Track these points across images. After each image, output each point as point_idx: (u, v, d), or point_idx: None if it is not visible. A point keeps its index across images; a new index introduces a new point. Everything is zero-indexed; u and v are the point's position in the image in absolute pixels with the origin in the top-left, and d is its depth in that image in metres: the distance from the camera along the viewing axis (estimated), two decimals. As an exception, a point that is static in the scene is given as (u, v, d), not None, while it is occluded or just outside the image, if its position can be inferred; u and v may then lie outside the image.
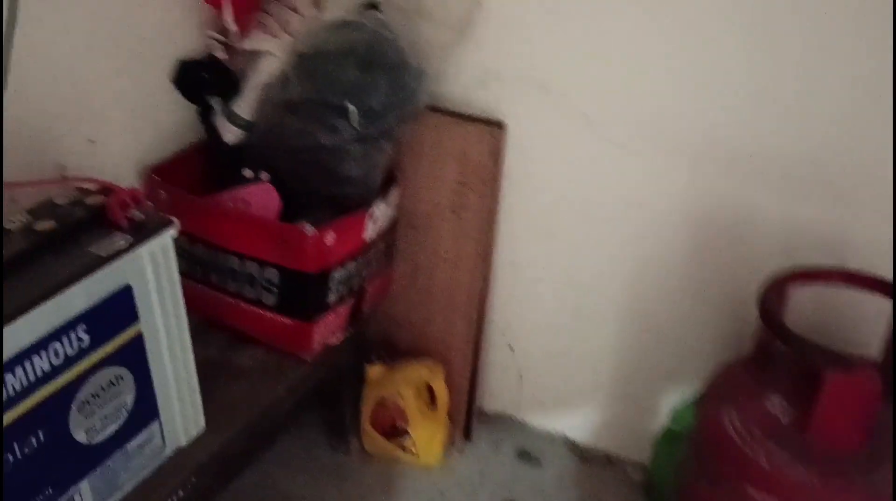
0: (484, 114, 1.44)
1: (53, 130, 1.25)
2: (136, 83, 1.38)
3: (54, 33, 1.21)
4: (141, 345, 1.10)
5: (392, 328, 1.72)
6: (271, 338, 1.46)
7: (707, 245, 1.37)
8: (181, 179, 1.43)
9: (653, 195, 1.38)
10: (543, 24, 1.34)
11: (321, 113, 1.30)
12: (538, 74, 1.38)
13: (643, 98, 1.31)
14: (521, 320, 1.64)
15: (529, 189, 1.49)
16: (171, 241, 1.09)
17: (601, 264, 1.49)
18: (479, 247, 1.52)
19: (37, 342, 0.94)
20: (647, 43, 1.28)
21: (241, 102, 1.43)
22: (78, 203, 1.06)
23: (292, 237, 1.31)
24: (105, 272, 1.00)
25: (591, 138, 1.38)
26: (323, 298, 1.39)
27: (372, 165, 1.37)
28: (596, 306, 1.53)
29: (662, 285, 1.44)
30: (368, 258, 1.47)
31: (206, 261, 1.42)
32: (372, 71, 1.27)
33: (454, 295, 1.59)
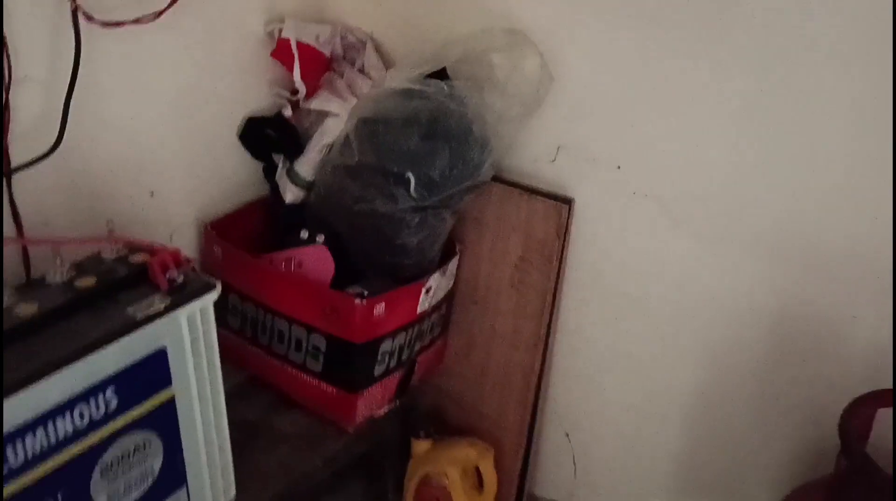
0: (551, 189, 1.37)
1: (114, 181, 1.25)
2: (201, 137, 1.39)
3: (120, 87, 1.21)
4: (172, 410, 1.07)
5: (443, 403, 1.64)
6: (314, 405, 1.41)
7: (788, 350, 1.24)
8: (238, 235, 1.42)
9: (727, 289, 1.27)
10: (619, 101, 1.27)
11: (380, 180, 1.26)
12: (610, 151, 1.31)
13: (722, 184, 1.22)
14: (580, 407, 1.54)
15: (594, 271, 1.41)
16: (211, 305, 1.06)
17: (668, 357, 1.38)
18: (539, 327, 1.44)
19: (62, 404, 0.91)
20: (729, 126, 1.19)
21: (303, 161, 1.41)
22: (122, 260, 1.05)
23: (341, 305, 1.26)
24: (139, 335, 0.97)
25: (663, 223, 1.29)
26: (369, 369, 1.34)
27: (430, 236, 1.32)
28: (661, 403, 1.42)
29: (735, 389, 1.32)
30: (421, 330, 1.41)
31: (255, 320, 1.39)
32: (434, 141, 1.23)
33: (510, 375, 1.51)
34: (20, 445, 0.87)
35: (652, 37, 1.21)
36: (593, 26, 1.25)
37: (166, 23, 1.18)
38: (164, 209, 1.36)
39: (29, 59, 1.06)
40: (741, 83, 1.16)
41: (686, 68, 1.19)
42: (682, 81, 1.20)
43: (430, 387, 1.63)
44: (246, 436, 1.39)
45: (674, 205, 1.28)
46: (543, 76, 1.25)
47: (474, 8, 1.35)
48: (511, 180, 1.40)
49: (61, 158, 1.12)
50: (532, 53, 1.26)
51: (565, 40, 1.28)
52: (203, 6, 1.26)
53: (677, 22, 1.17)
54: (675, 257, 1.31)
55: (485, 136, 1.25)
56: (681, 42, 1.18)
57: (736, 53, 1.15)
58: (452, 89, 1.23)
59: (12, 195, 1.11)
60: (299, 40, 1.38)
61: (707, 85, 1.19)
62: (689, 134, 1.22)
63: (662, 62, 1.21)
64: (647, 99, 1.24)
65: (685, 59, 1.19)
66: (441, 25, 1.39)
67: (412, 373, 1.46)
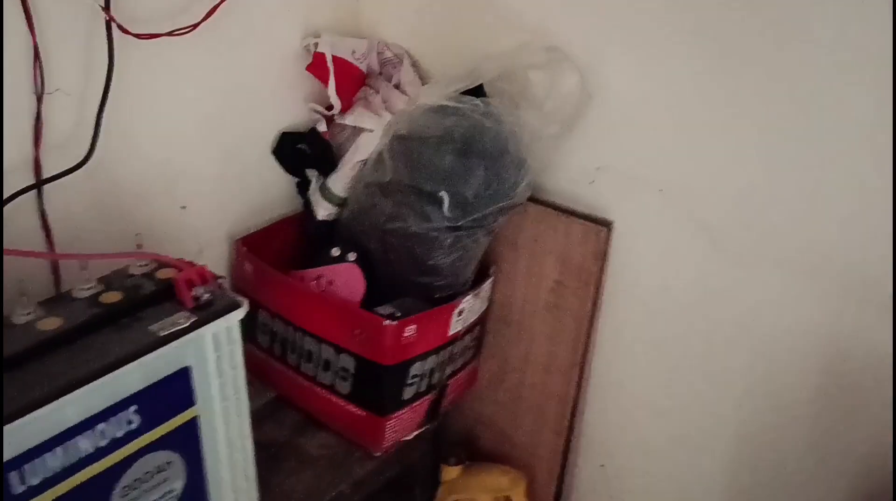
0: (590, 211, 1.33)
1: (145, 194, 1.24)
2: (234, 152, 1.37)
3: (153, 99, 1.20)
4: (195, 430, 1.04)
5: (474, 427, 1.60)
6: (342, 427, 1.38)
7: (842, 386, 1.18)
8: (269, 251, 1.40)
9: (775, 320, 1.21)
10: (661, 122, 1.22)
11: (413, 198, 1.23)
12: (651, 173, 1.26)
13: (772, 210, 1.16)
14: (617, 437, 1.48)
15: (633, 296, 1.36)
16: (237, 323, 1.03)
17: (711, 388, 1.32)
18: (575, 353, 1.39)
19: (82, 422, 0.89)
20: (778, 148, 1.13)
21: (336, 177, 1.38)
22: (149, 276, 1.03)
23: (370, 326, 1.23)
24: (162, 353, 0.94)
25: (707, 248, 1.24)
26: (398, 392, 1.30)
27: (463, 257, 1.28)
28: (704, 435, 1.35)
29: (784, 424, 1.25)
30: (453, 354, 1.37)
31: (284, 338, 1.37)
32: (469, 159, 1.19)
33: (544, 401, 1.46)
34: (39, 464, 0.85)
35: (696, 55, 1.16)
36: (635, 43, 1.21)
37: (201, 35, 1.17)
38: (195, 224, 1.34)
39: (61, 71, 1.06)
40: (790, 105, 1.11)
41: (732, 88, 1.14)
42: (728, 102, 1.15)
43: (461, 411, 1.59)
44: (272, 457, 1.36)
45: (719, 231, 1.22)
46: (582, 94, 1.21)
47: (512, 24, 1.32)
48: (548, 201, 1.36)
49: (92, 170, 1.11)
50: (570, 70, 1.22)
51: (605, 58, 1.24)
52: (239, 19, 1.25)
53: (722, 40, 1.13)
54: (720, 285, 1.25)
55: (521, 155, 1.21)
56: (726, 61, 1.13)
57: (786, 74, 1.10)
58: (489, 107, 1.19)
59: (43, 207, 1.10)
60: (335, 55, 1.36)
61: (754, 106, 1.13)
62: (736, 157, 1.17)
63: (707, 81, 1.16)
64: (691, 120, 1.19)
65: (731, 78, 1.14)
66: (479, 41, 1.36)
67: (443, 397, 1.42)
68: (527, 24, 1.30)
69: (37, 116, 1.04)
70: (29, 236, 1.10)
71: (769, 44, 1.09)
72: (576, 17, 1.25)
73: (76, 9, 1.04)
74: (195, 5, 1.17)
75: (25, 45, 1.00)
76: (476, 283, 1.37)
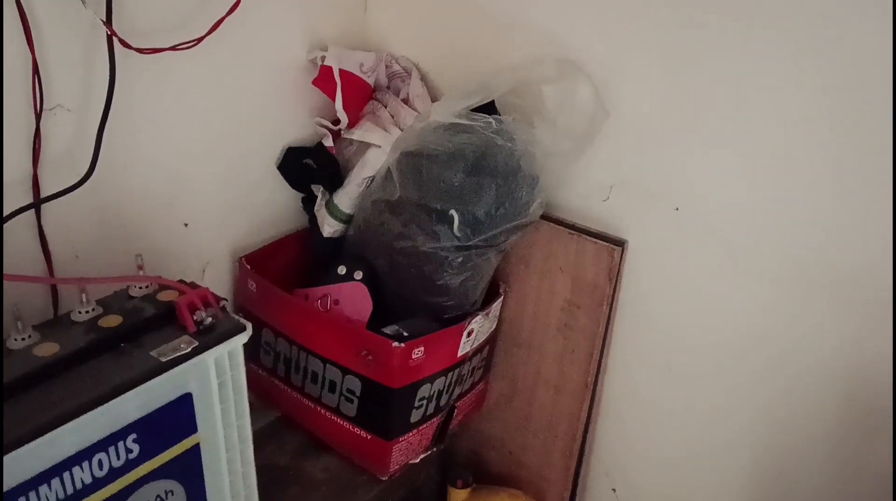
0: (603, 229, 1.29)
1: (146, 211, 1.21)
2: (238, 167, 1.34)
3: (155, 114, 1.17)
4: (197, 457, 1.01)
5: (482, 449, 1.56)
6: (347, 450, 1.35)
7: (865, 411, 1.14)
8: (274, 269, 1.36)
9: (794, 342, 1.17)
10: (678, 138, 1.18)
11: (422, 217, 1.19)
12: (668, 190, 1.22)
13: (794, 230, 1.12)
14: (629, 461, 1.44)
15: (647, 316, 1.32)
16: (240, 347, 1.00)
17: (726, 411, 1.28)
18: (587, 373, 1.35)
19: (80, 452, 0.86)
20: (802, 167, 1.09)
21: (343, 194, 1.35)
22: (149, 299, 1.00)
23: (378, 348, 1.19)
24: (163, 379, 0.91)
25: (724, 266, 1.20)
26: (405, 415, 1.26)
27: (473, 277, 1.24)
28: (716, 460, 1.32)
29: (798, 447, 1.21)
30: (461, 375, 1.34)
31: (288, 358, 1.33)
32: (480, 177, 1.15)
33: (555, 423, 1.42)
34: (34, 496, 0.82)
35: (716, 71, 1.12)
36: (652, 57, 1.17)
37: (205, 49, 1.14)
38: (197, 241, 1.31)
39: (61, 87, 1.03)
40: (810, 122, 1.07)
41: (753, 105, 1.10)
42: (749, 119, 1.11)
43: (469, 432, 1.55)
44: (274, 481, 1.33)
45: (737, 250, 1.18)
46: (597, 110, 1.17)
47: (524, 36, 1.28)
48: (560, 219, 1.32)
49: (93, 187, 1.08)
50: (585, 85, 1.19)
51: (621, 71, 1.20)
52: (244, 32, 1.22)
53: (744, 56, 1.09)
54: (737, 306, 1.21)
55: (534, 173, 1.18)
56: (747, 77, 1.10)
57: (805, 90, 1.06)
58: (501, 124, 1.15)
59: (41, 226, 1.07)
60: (342, 68, 1.32)
61: (773, 123, 1.09)
62: (757, 175, 1.13)
63: (727, 98, 1.12)
64: (709, 137, 1.16)
65: (753, 95, 1.10)
66: (490, 54, 1.33)
67: (451, 419, 1.38)
68: (539, 36, 1.26)
69: (36, 132, 1.01)
70: (26, 256, 1.07)
71: (788, 61, 1.06)
72: (590, 30, 1.21)
73: (77, 23, 1.01)
74: (199, 19, 1.14)
75: (24, 61, 0.97)
76: (486, 302, 1.33)
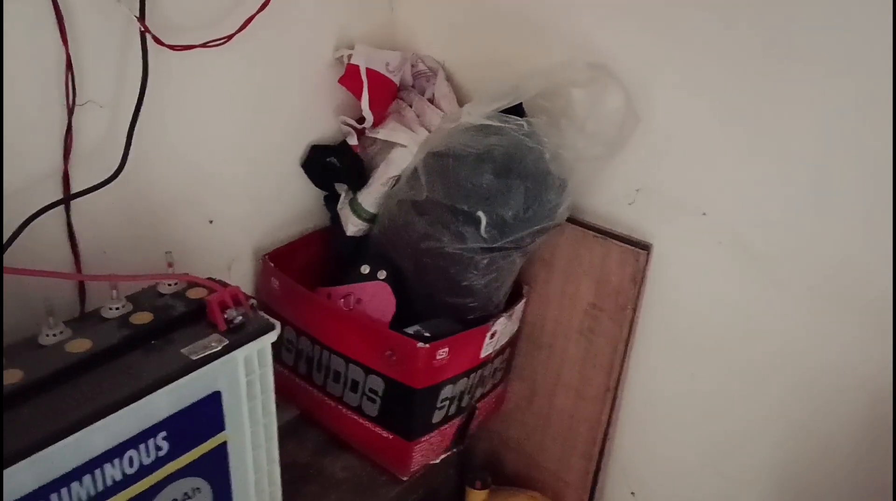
0: (628, 232, 1.29)
1: (173, 207, 1.21)
2: (264, 164, 1.34)
3: (184, 111, 1.17)
4: (224, 455, 1.01)
5: (501, 450, 1.56)
6: (368, 450, 1.35)
7: (884, 423, 1.12)
8: (297, 266, 1.36)
9: (820, 352, 1.16)
10: (707, 143, 1.18)
11: (449, 218, 1.19)
12: (695, 195, 1.21)
13: (820, 238, 1.11)
14: (649, 465, 1.44)
15: (671, 322, 1.32)
16: (269, 346, 1.00)
17: (749, 418, 1.27)
18: (609, 377, 1.35)
19: (111, 450, 0.85)
20: (833, 174, 1.08)
21: (367, 193, 1.35)
22: (179, 296, 1.00)
23: (402, 348, 1.19)
24: (194, 377, 0.91)
25: (750, 274, 1.19)
26: (428, 416, 1.26)
27: (497, 278, 1.24)
28: (737, 468, 1.31)
29: (820, 459, 1.21)
30: (483, 376, 1.33)
31: (310, 357, 1.33)
32: (508, 180, 1.15)
33: (574, 426, 1.42)
34: (66, 494, 0.82)
35: (747, 75, 1.11)
36: (683, 61, 1.16)
37: (235, 47, 1.14)
38: (222, 238, 1.31)
39: (94, 83, 1.03)
40: (853, 132, 1.05)
41: (784, 111, 1.10)
42: (780, 124, 1.10)
43: (488, 433, 1.55)
44: (295, 479, 1.33)
45: (764, 258, 1.17)
46: (628, 115, 1.17)
47: (554, 38, 1.27)
48: (585, 222, 1.32)
49: (122, 184, 1.08)
50: (616, 89, 1.18)
51: (651, 75, 1.19)
52: (273, 30, 1.22)
53: (780, 65, 1.08)
54: (762, 314, 1.20)
55: (563, 176, 1.17)
56: (779, 82, 1.09)
57: (836, 100, 1.05)
58: (532, 127, 1.15)
59: (71, 222, 1.07)
60: (369, 67, 1.32)
61: (813, 132, 1.08)
62: (787, 181, 1.12)
63: (758, 103, 1.11)
64: (738, 141, 1.15)
65: (783, 102, 1.09)
66: (517, 55, 1.32)
67: (472, 420, 1.38)
68: (569, 38, 1.26)
69: (67, 128, 1.01)
70: (55, 251, 1.07)
71: (820, 72, 1.05)
72: (621, 34, 1.20)
73: (110, 19, 1.01)
74: (230, 16, 1.14)
75: (58, 56, 0.97)
76: (509, 304, 1.33)
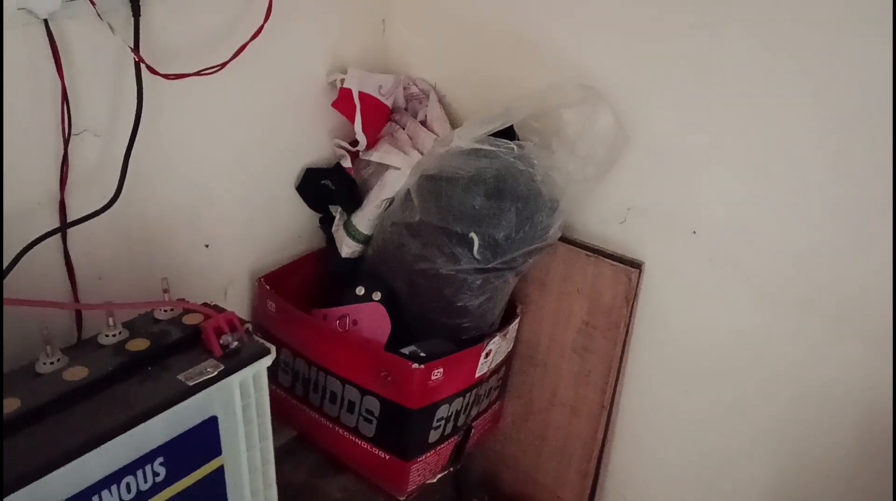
0: (620, 251, 1.30)
1: (169, 232, 1.22)
2: (258, 188, 1.35)
3: (179, 137, 1.19)
4: (221, 479, 1.01)
5: (497, 468, 1.57)
6: (365, 470, 1.35)
7: (878, 442, 1.13)
8: (292, 288, 1.37)
9: (813, 370, 1.17)
10: (697, 162, 1.19)
11: (442, 239, 1.20)
12: (685, 213, 1.23)
13: (815, 255, 1.12)
14: (645, 483, 1.45)
15: (664, 339, 1.33)
16: (265, 370, 1.00)
17: (742, 435, 1.28)
18: (603, 395, 1.36)
19: (108, 476, 0.86)
20: (821, 191, 1.10)
21: (361, 215, 1.36)
22: (175, 322, 1.01)
23: (397, 369, 1.20)
24: (190, 404, 0.92)
25: (741, 292, 1.21)
26: (424, 436, 1.27)
27: (491, 299, 1.25)
28: (732, 486, 1.31)
29: (818, 476, 1.21)
30: (479, 395, 1.34)
31: (307, 379, 1.34)
32: (500, 201, 1.16)
33: (569, 444, 1.43)
34: (63, 521, 0.83)
35: (735, 95, 1.13)
36: (671, 82, 1.18)
37: (229, 73, 1.15)
38: (218, 261, 1.32)
39: (89, 112, 1.04)
40: (841, 145, 1.07)
41: (774, 131, 1.11)
42: (769, 144, 1.12)
43: (484, 451, 1.56)
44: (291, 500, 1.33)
45: (756, 275, 1.19)
46: (618, 136, 1.18)
47: (543, 60, 1.30)
48: (577, 241, 1.33)
49: (118, 210, 1.09)
50: (605, 111, 1.20)
51: (641, 96, 1.21)
52: (266, 56, 1.23)
53: (766, 86, 1.10)
54: (754, 331, 1.22)
55: (554, 197, 1.19)
56: (768, 106, 1.10)
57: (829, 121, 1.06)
58: (522, 149, 1.17)
59: (67, 249, 1.08)
60: (361, 91, 1.34)
61: (798, 151, 1.10)
62: (775, 199, 1.14)
63: (746, 122, 1.13)
64: (727, 160, 1.16)
65: (772, 121, 1.11)
66: (508, 77, 1.34)
67: (468, 439, 1.39)
68: (558, 60, 1.28)
69: (64, 157, 1.02)
70: (51, 278, 1.08)
71: (810, 90, 1.06)
72: (610, 56, 1.22)
73: (105, 50, 1.03)
74: (223, 44, 1.15)
75: (53, 87, 0.99)
76: (503, 323, 1.34)
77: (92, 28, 0.99)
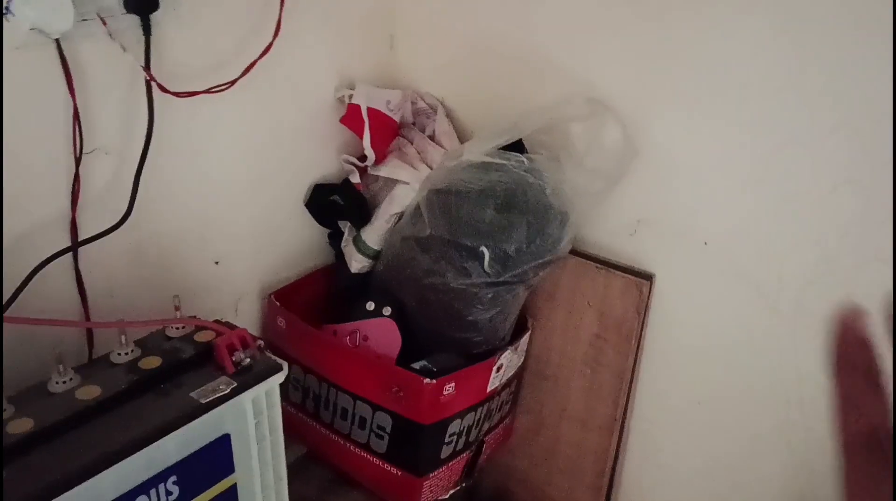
0: (631, 263, 1.30)
1: (179, 249, 1.22)
2: (268, 205, 1.35)
3: (189, 155, 1.19)
4: (234, 497, 1.01)
5: (508, 483, 1.56)
6: (376, 486, 1.34)
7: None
8: (302, 304, 1.37)
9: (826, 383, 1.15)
10: (707, 174, 1.19)
11: (452, 254, 1.20)
12: (696, 225, 1.23)
13: (822, 266, 1.12)
14: (658, 495, 1.44)
15: (676, 350, 1.32)
16: (277, 387, 1.00)
17: (756, 447, 1.27)
18: (615, 409, 1.35)
19: (122, 496, 0.85)
20: (835, 204, 1.09)
21: (370, 230, 1.36)
22: (187, 339, 1.01)
23: (409, 385, 1.19)
24: (202, 421, 0.91)
25: (753, 304, 1.20)
26: (436, 451, 1.26)
27: (502, 312, 1.25)
28: (748, 495, 1.30)
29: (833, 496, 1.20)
30: (490, 409, 1.34)
31: (318, 395, 1.33)
32: (511, 214, 1.16)
33: (581, 457, 1.42)
34: (76, 542, 0.82)
35: (744, 106, 1.13)
36: (679, 94, 1.18)
37: (238, 91, 1.16)
38: (228, 278, 1.32)
39: (101, 131, 1.04)
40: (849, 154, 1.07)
41: (783, 142, 1.11)
42: (779, 155, 1.12)
43: (494, 466, 1.55)
44: (304, 518, 1.33)
45: (766, 286, 1.18)
46: (626, 149, 1.18)
47: (551, 74, 1.30)
48: (588, 253, 1.33)
49: (129, 228, 1.09)
50: (613, 124, 1.20)
51: (649, 109, 1.21)
52: (275, 73, 1.24)
53: (775, 97, 1.10)
54: (766, 343, 1.21)
55: (564, 210, 1.19)
56: (777, 113, 1.10)
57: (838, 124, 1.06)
58: (532, 162, 1.17)
59: (78, 268, 1.08)
60: (370, 106, 1.34)
61: (809, 158, 1.10)
62: (785, 210, 1.14)
63: (756, 134, 1.13)
64: (737, 171, 1.16)
65: (780, 132, 1.11)
66: (516, 91, 1.35)
67: (480, 454, 1.38)
68: (566, 74, 1.28)
69: (75, 176, 1.02)
70: (62, 296, 1.08)
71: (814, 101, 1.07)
72: (617, 69, 1.22)
73: (117, 69, 1.03)
74: (233, 62, 1.16)
75: (65, 106, 0.99)
76: (514, 337, 1.34)
77: (103, 47, 0.99)
